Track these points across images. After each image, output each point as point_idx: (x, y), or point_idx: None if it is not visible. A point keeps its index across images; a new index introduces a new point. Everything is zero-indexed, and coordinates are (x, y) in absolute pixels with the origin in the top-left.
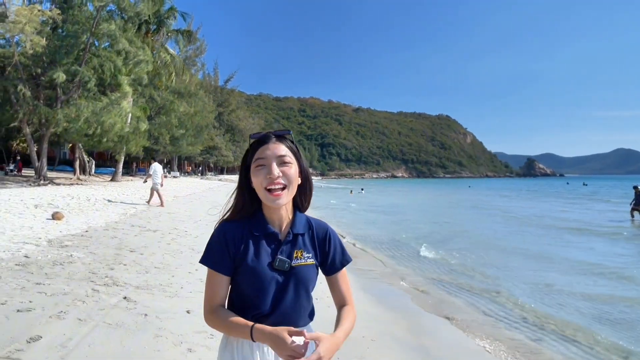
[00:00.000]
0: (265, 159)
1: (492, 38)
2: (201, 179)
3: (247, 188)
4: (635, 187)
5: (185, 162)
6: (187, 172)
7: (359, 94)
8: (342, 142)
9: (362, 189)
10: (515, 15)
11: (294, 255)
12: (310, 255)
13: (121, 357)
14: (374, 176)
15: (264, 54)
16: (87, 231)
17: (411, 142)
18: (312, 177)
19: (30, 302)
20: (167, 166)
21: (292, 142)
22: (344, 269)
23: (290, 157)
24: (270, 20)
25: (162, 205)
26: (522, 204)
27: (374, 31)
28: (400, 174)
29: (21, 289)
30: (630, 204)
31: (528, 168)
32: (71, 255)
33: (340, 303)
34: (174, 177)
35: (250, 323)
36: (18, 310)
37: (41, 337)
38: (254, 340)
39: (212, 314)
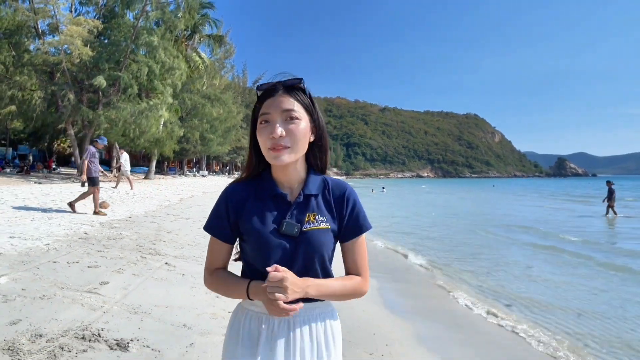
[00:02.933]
0: (269, 114)
1: (524, 35)
2: (228, 177)
3: (255, 145)
4: (608, 183)
5: (213, 161)
6: (215, 171)
7: (386, 93)
8: (367, 141)
9: (383, 188)
10: (549, 10)
11: (305, 219)
12: (325, 218)
13: (167, 298)
14: (399, 176)
15: (291, 54)
16: (130, 217)
17: (437, 142)
18: (337, 177)
19: (96, 262)
20: (196, 165)
21: (305, 92)
22: (362, 237)
23: (299, 112)
24: (297, 19)
25: (132, 187)
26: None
27: (402, 29)
28: (425, 174)
29: (87, 254)
30: (603, 201)
31: (558, 168)
32: (120, 234)
33: (356, 272)
34: (203, 176)
35: (248, 280)
36: (88, 267)
37: (109, 282)
38: (250, 298)
39: (211, 276)
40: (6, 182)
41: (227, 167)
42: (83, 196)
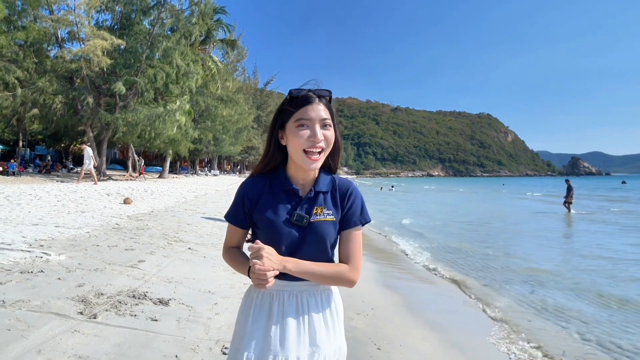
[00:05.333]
0: (309, 121)
1: (543, 35)
2: (239, 177)
3: (275, 142)
4: (567, 181)
5: (225, 161)
6: (226, 171)
7: (398, 94)
8: (378, 141)
9: (392, 187)
10: (568, 12)
11: (314, 212)
12: (331, 212)
13: (193, 273)
14: (409, 175)
15: (303, 53)
16: (152, 212)
17: (449, 141)
18: (348, 176)
19: (131, 246)
20: (208, 165)
21: (330, 102)
22: (360, 230)
23: (330, 120)
24: (310, 19)
25: (95, 182)
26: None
27: (416, 29)
28: (436, 173)
29: (122, 240)
30: (564, 198)
31: (572, 167)
32: (147, 225)
33: (349, 259)
34: (214, 175)
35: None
36: (126, 249)
37: (145, 261)
38: (249, 276)
39: (226, 253)
40: (31, 180)
41: (238, 167)
42: None
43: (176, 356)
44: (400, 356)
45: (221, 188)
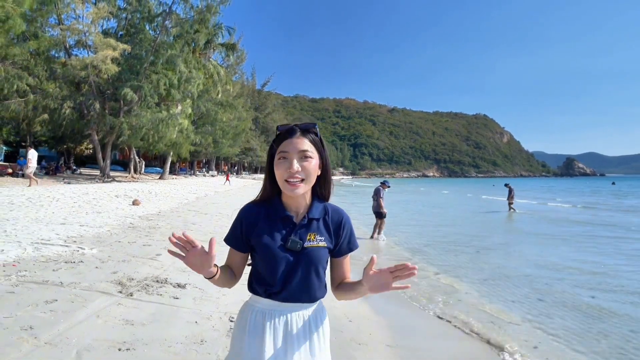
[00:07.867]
0: (287, 153)
1: (537, 36)
2: (237, 177)
3: (270, 174)
4: (506, 185)
5: (223, 162)
6: (224, 171)
7: (396, 94)
8: (374, 142)
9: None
10: (569, 13)
11: (307, 238)
12: (323, 238)
13: None
14: (405, 175)
15: (302, 54)
16: (159, 212)
17: (445, 142)
18: (343, 176)
19: (147, 242)
20: (206, 165)
21: (317, 134)
22: (349, 253)
23: (311, 152)
24: (308, 20)
25: (31, 185)
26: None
27: (413, 30)
28: (431, 174)
29: (139, 237)
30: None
31: (566, 168)
32: (157, 224)
33: (341, 280)
34: (212, 175)
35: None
36: (143, 245)
37: (161, 254)
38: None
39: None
40: (40, 182)
41: (236, 168)
42: (379, 226)
43: (196, 322)
44: (366, 327)
45: (220, 189)
